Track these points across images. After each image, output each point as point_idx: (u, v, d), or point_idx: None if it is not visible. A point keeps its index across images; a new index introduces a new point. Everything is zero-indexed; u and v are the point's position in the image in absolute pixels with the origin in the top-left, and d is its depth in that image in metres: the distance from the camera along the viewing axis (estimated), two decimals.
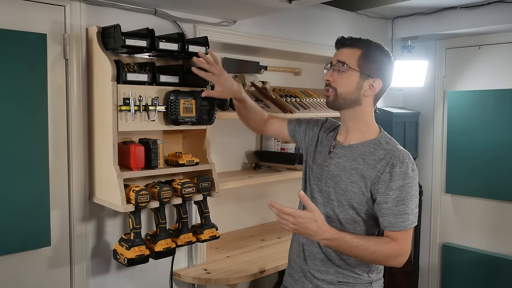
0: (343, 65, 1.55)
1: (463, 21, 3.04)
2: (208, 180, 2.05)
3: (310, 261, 1.63)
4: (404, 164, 1.49)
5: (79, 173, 1.93)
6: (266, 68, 2.87)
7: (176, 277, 2.26)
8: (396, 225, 1.48)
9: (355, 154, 1.56)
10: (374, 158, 1.53)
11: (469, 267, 3.40)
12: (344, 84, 1.56)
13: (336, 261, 1.59)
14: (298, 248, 1.68)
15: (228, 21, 2.39)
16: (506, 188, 3.18)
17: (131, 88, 1.81)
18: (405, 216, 1.48)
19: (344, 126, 1.65)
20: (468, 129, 3.34)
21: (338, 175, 1.56)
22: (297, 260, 1.68)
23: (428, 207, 3.67)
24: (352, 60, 1.56)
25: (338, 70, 1.57)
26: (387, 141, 1.59)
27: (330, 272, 1.59)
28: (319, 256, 1.61)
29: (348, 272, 1.58)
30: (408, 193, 1.48)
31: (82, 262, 1.97)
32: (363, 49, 1.57)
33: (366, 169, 1.52)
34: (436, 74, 3.55)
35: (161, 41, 1.87)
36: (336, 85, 1.57)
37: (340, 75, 1.56)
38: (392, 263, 1.50)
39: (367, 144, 1.57)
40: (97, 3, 1.94)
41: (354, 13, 3.15)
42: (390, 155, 1.51)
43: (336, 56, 1.61)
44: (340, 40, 1.62)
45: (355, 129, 1.61)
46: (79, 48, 1.89)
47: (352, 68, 1.55)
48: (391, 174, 1.48)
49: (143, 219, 2.06)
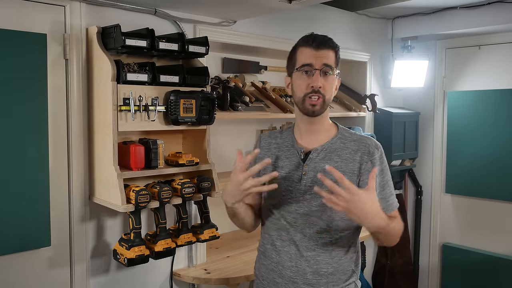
0: (330, 69, 1.48)
1: (463, 21, 3.04)
2: (208, 180, 2.05)
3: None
4: (378, 149, 1.54)
5: (79, 173, 1.93)
6: (266, 68, 2.87)
7: (176, 277, 2.26)
8: (389, 207, 1.53)
9: (329, 154, 1.54)
10: (348, 151, 1.53)
11: (469, 267, 3.40)
12: (330, 89, 1.50)
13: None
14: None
15: (228, 21, 2.39)
16: (506, 188, 3.18)
17: (131, 88, 1.81)
18: (392, 196, 1.55)
19: (309, 130, 1.58)
20: (468, 129, 3.34)
21: (319, 179, 1.48)
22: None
23: (428, 207, 3.67)
24: (333, 62, 1.50)
25: (324, 75, 1.48)
26: (349, 133, 1.60)
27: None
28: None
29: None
30: (387, 175, 1.55)
31: (82, 262, 1.97)
32: (336, 50, 1.52)
33: (345, 164, 1.51)
34: (436, 74, 3.55)
35: (161, 41, 1.87)
36: (324, 92, 1.48)
37: (326, 80, 1.48)
38: (398, 240, 1.53)
39: (335, 141, 1.56)
40: (97, 3, 1.94)
41: (354, 13, 3.16)
42: (363, 144, 1.54)
43: (319, 58, 1.48)
44: (320, 39, 1.49)
45: (322, 131, 1.57)
46: (79, 48, 1.89)
47: (335, 71, 1.51)
48: (372, 161, 1.51)
49: (143, 219, 2.06)
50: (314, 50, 1.48)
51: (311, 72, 1.48)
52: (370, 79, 3.33)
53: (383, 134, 3.27)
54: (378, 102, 3.23)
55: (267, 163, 1.43)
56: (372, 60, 3.33)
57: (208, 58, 2.16)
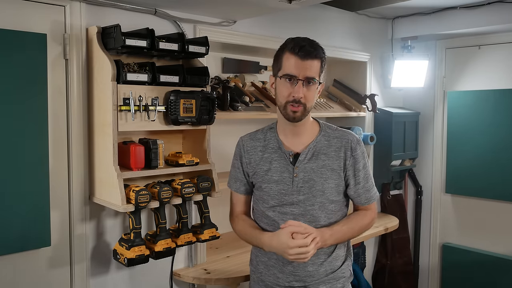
0: (312, 80, 1.52)
1: (463, 21, 3.04)
2: (208, 180, 2.05)
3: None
4: (359, 144, 1.64)
5: (79, 173, 1.93)
6: (266, 68, 2.87)
7: (176, 277, 2.26)
8: (371, 198, 1.69)
9: (315, 153, 1.61)
10: (332, 149, 1.61)
11: (469, 267, 3.40)
12: (312, 99, 1.56)
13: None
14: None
15: (228, 21, 2.39)
16: (506, 188, 3.18)
17: (131, 88, 1.81)
18: (373, 188, 1.70)
19: (292, 132, 1.63)
20: (468, 129, 3.34)
21: (310, 179, 1.59)
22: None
23: (428, 207, 3.67)
24: (317, 73, 1.54)
25: (307, 85, 1.52)
26: (331, 128, 1.67)
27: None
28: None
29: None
30: (368, 168, 1.67)
31: (82, 262, 1.97)
32: (322, 59, 1.54)
33: (332, 162, 1.60)
34: (436, 74, 3.55)
35: (161, 41, 1.87)
36: (305, 101, 1.53)
37: (308, 89, 1.53)
38: (368, 229, 1.72)
39: (319, 140, 1.63)
40: (97, 3, 1.94)
41: (354, 13, 3.16)
42: (346, 140, 1.62)
43: (303, 69, 1.50)
44: (307, 50, 1.51)
45: (305, 131, 1.64)
46: (79, 48, 1.89)
47: (319, 82, 1.56)
48: (354, 157, 1.61)
49: (143, 219, 2.07)
50: (300, 60, 1.51)
51: (294, 81, 1.52)
52: (370, 79, 3.33)
53: (383, 134, 3.27)
54: (378, 102, 3.22)
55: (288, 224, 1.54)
56: (372, 60, 3.33)
57: (208, 58, 2.16)
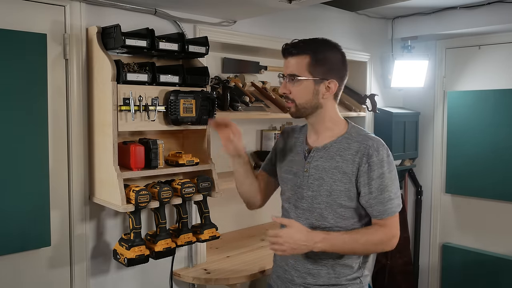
0: (294, 77, 1.54)
1: (463, 21, 3.04)
2: (208, 180, 2.05)
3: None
4: (379, 152, 1.52)
5: (79, 173, 1.93)
6: (266, 68, 2.87)
7: (176, 277, 2.26)
8: (385, 212, 1.53)
9: (332, 153, 1.57)
10: (350, 152, 1.54)
11: (469, 267, 3.40)
12: (301, 95, 1.55)
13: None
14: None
15: (228, 21, 2.39)
16: (506, 188, 3.18)
17: (131, 88, 1.81)
18: (391, 201, 1.53)
19: (313, 129, 1.64)
20: (468, 129, 3.34)
21: (320, 177, 1.56)
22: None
23: (428, 207, 3.67)
24: (302, 69, 1.54)
25: (291, 82, 1.55)
26: (358, 132, 1.60)
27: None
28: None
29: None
30: (388, 179, 1.52)
31: (82, 262, 1.97)
32: (310, 54, 1.54)
33: (346, 165, 1.53)
34: (436, 74, 3.55)
35: (161, 41, 1.87)
36: (294, 97, 1.56)
37: (294, 86, 1.55)
38: (385, 248, 1.55)
39: (339, 141, 1.58)
40: (97, 3, 1.94)
41: (354, 13, 3.16)
42: (365, 145, 1.53)
43: (286, 66, 1.57)
44: (286, 48, 1.57)
45: (324, 130, 1.61)
46: (79, 48, 1.89)
47: (303, 78, 1.54)
48: (369, 164, 1.51)
49: (143, 219, 2.06)
50: (284, 58, 1.59)
51: (282, 79, 1.60)
52: (370, 79, 3.33)
53: (383, 134, 3.26)
54: (378, 102, 3.22)
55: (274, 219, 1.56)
56: (372, 60, 3.33)
57: (208, 58, 2.16)
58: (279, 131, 2.89)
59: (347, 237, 1.50)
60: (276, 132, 2.86)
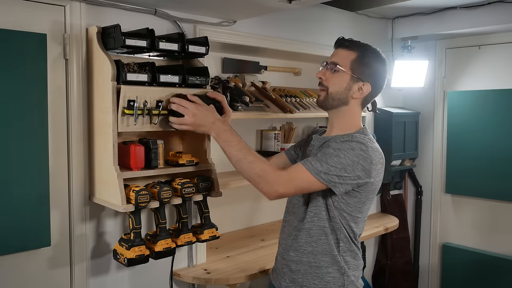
0: (335, 65, 1.63)
1: (463, 21, 3.04)
2: (208, 180, 2.04)
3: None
4: (337, 142, 1.58)
5: (79, 173, 1.93)
6: (266, 68, 2.87)
7: (176, 277, 2.26)
8: (304, 162, 1.56)
9: (322, 144, 1.68)
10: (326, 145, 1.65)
11: (469, 267, 3.40)
12: (335, 83, 1.64)
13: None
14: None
15: (228, 21, 2.39)
16: (506, 188, 3.18)
17: (136, 90, 1.77)
18: (314, 161, 1.53)
19: (330, 125, 1.73)
20: (468, 129, 3.34)
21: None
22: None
23: (428, 207, 3.68)
24: (345, 62, 1.63)
25: (330, 70, 1.64)
26: (353, 136, 1.62)
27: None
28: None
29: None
30: (329, 154, 1.53)
31: (82, 262, 1.97)
32: (359, 53, 1.64)
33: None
34: (436, 74, 3.55)
35: (161, 41, 1.86)
36: (327, 84, 1.65)
37: (332, 74, 1.64)
38: (259, 186, 1.57)
39: (334, 139, 1.64)
40: (97, 3, 1.94)
41: (354, 13, 3.16)
42: (335, 137, 1.64)
43: (332, 55, 1.68)
44: (339, 40, 1.69)
45: (339, 127, 1.68)
46: (79, 48, 1.89)
47: (343, 70, 1.62)
48: (323, 146, 1.64)
49: (143, 219, 2.06)
50: (334, 48, 1.70)
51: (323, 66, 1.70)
52: None
53: (383, 134, 3.27)
54: (378, 102, 3.21)
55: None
56: None
57: (208, 58, 2.16)
58: (279, 131, 2.89)
59: (243, 145, 1.61)
60: (276, 132, 2.86)
